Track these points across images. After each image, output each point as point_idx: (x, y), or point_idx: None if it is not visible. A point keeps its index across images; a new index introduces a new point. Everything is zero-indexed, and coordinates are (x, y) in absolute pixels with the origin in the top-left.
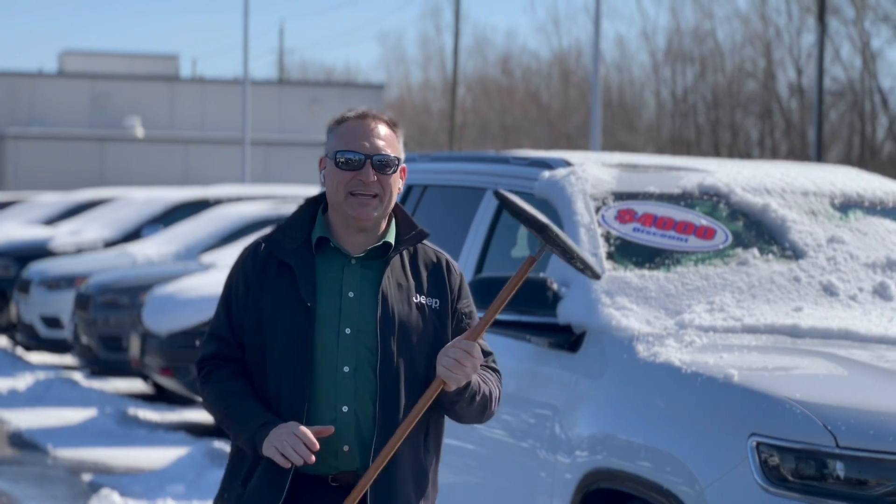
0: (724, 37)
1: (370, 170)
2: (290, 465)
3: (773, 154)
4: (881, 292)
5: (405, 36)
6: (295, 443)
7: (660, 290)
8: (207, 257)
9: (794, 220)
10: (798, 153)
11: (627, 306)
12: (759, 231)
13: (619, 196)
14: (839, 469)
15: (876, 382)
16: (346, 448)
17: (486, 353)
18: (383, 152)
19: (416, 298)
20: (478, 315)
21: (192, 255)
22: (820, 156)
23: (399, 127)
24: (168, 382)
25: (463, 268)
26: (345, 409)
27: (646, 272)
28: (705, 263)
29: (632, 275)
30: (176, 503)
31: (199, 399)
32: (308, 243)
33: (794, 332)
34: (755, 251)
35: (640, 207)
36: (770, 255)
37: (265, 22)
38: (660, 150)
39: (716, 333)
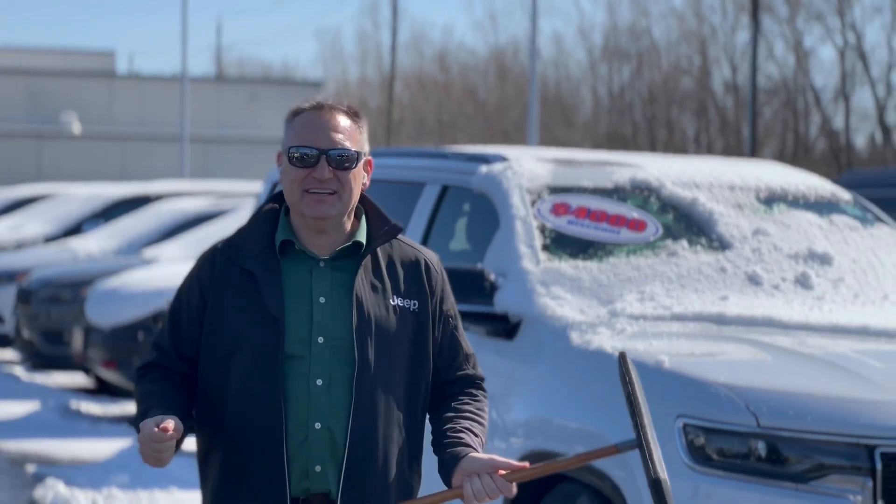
0: (660, 34)
1: (325, 166)
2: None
3: (709, 150)
4: (803, 282)
5: (343, 32)
6: (144, 446)
7: (593, 280)
8: (149, 252)
9: (722, 213)
10: (733, 150)
11: (562, 296)
12: (688, 223)
13: (554, 190)
14: (760, 448)
15: (796, 366)
16: (317, 468)
17: (467, 355)
18: (340, 146)
19: (393, 301)
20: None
21: (134, 251)
22: (754, 152)
23: (361, 117)
24: (111, 375)
25: None
26: (317, 425)
27: (580, 263)
28: (637, 255)
29: (566, 266)
30: (121, 492)
31: None
32: (272, 247)
33: (720, 320)
34: (684, 243)
35: (575, 201)
36: (698, 247)
37: (203, 18)
38: (597, 146)
39: (646, 321)
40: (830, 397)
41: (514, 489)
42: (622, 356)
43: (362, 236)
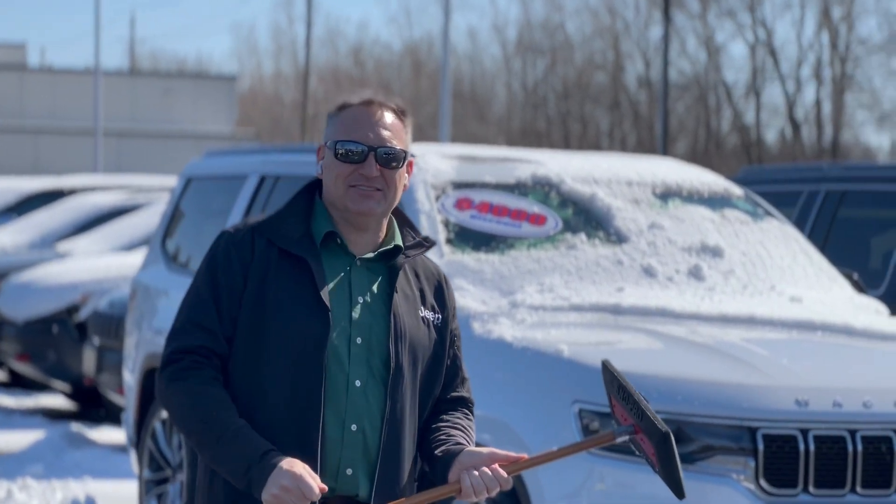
0: (573, 29)
1: (373, 163)
2: None
3: (622, 145)
4: (695, 274)
5: (257, 27)
6: (289, 493)
7: (495, 272)
8: (63, 246)
9: (619, 207)
10: (646, 144)
11: (464, 287)
12: (586, 218)
13: (457, 185)
14: None
15: (687, 354)
16: (349, 471)
17: (464, 379)
18: (388, 144)
19: (422, 312)
20: None
21: (48, 245)
22: (666, 147)
23: (407, 116)
24: (25, 368)
25: None
26: (353, 427)
27: (482, 256)
28: (537, 248)
29: (469, 258)
30: (35, 482)
31: (58, 385)
32: (309, 237)
33: (617, 310)
34: (583, 236)
35: (477, 196)
36: (596, 240)
37: (115, 11)
38: (510, 141)
39: (545, 312)
40: (717, 383)
41: (511, 481)
42: (606, 364)
43: (399, 241)
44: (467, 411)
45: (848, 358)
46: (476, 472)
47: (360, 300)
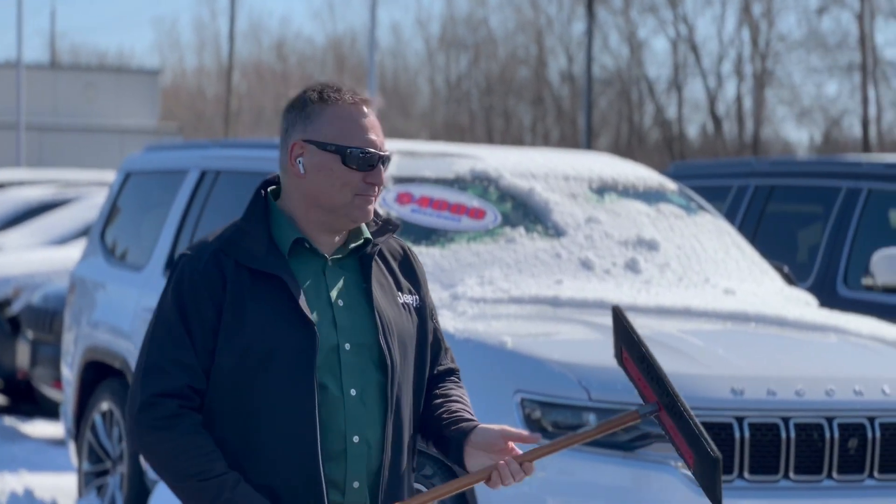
0: (497, 24)
1: (381, 169)
2: None
3: (545, 140)
4: (632, 266)
5: (180, 21)
6: None
7: (436, 265)
8: None
9: (557, 202)
10: (569, 139)
11: None
12: (525, 212)
13: (398, 180)
14: (592, 419)
15: None
16: (356, 484)
17: (446, 349)
18: (385, 147)
19: (400, 298)
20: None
21: None
22: (590, 142)
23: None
24: None
25: None
26: (356, 439)
27: (423, 249)
28: (477, 241)
29: None
30: None
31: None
32: (274, 247)
33: (555, 302)
34: (521, 230)
35: (418, 190)
36: (535, 234)
37: (34, 4)
38: (434, 136)
39: (486, 304)
40: None
41: (534, 467)
42: (616, 310)
43: (367, 233)
44: (456, 379)
45: (781, 348)
46: (503, 463)
47: (341, 303)
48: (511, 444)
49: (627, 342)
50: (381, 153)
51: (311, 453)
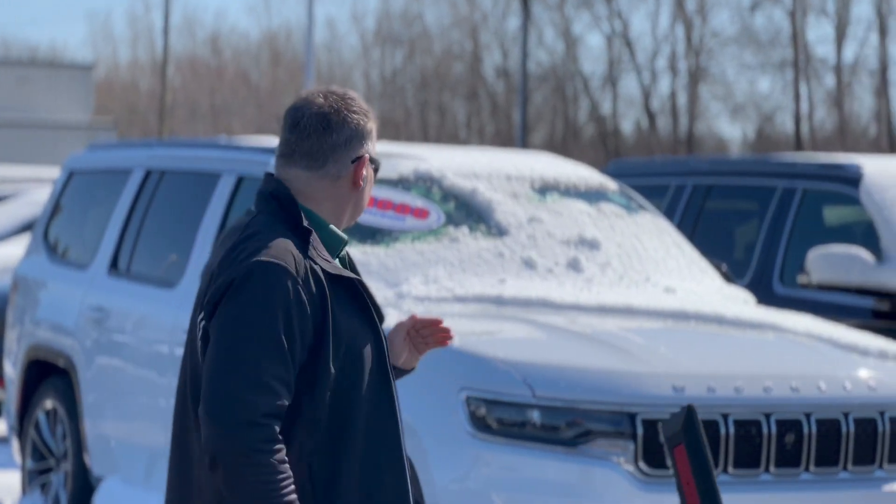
0: (432, 20)
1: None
2: None
3: (480, 135)
4: (574, 266)
5: (113, 14)
6: None
7: (380, 264)
8: None
9: (499, 202)
10: (504, 135)
11: None
12: (468, 212)
13: None
14: (536, 417)
15: (568, 343)
16: None
17: None
18: None
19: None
20: None
21: None
22: (525, 138)
23: None
24: None
25: (200, 249)
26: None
27: (368, 248)
28: (421, 241)
29: (355, 251)
30: None
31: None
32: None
33: (499, 301)
34: (465, 230)
35: None
36: (478, 234)
37: None
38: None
39: (430, 302)
40: (598, 370)
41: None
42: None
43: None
44: None
45: (720, 346)
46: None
47: None
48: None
49: (692, 444)
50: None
51: (398, 448)
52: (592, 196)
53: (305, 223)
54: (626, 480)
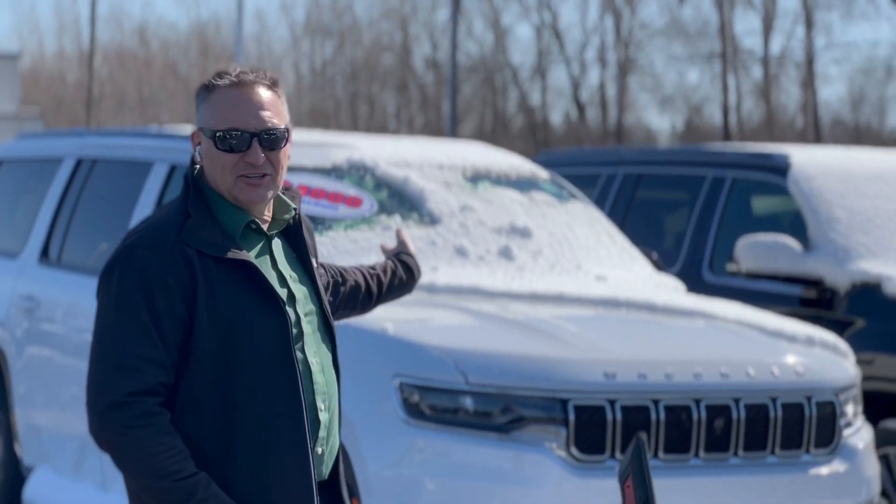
0: (361, 11)
1: (258, 150)
2: None
3: (410, 126)
4: (505, 254)
5: (39, 4)
6: None
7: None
8: None
9: (432, 190)
10: (433, 126)
11: None
12: (401, 200)
13: None
14: (469, 403)
15: (500, 330)
16: (319, 450)
17: (344, 268)
18: (270, 125)
19: (315, 263)
20: None
21: None
22: (454, 129)
23: (280, 85)
24: None
25: None
26: (322, 405)
27: None
28: (354, 229)
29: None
30: None
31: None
32: (225, 232)
33: (432, 289)
34: (398, 218)
35: (296, 179)
36: (410, 222)
37: None
38: (298, 122)
39: None
40: (530, 357)
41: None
42: (641, 439)
43: (293, 203)
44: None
45: (651, 333)
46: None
47: (289, 277)
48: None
49: (637, 475)
50: (255, 131)
51: (300, 427)
52: (524, 185)
53: (190, 205)
54: (558, 466)
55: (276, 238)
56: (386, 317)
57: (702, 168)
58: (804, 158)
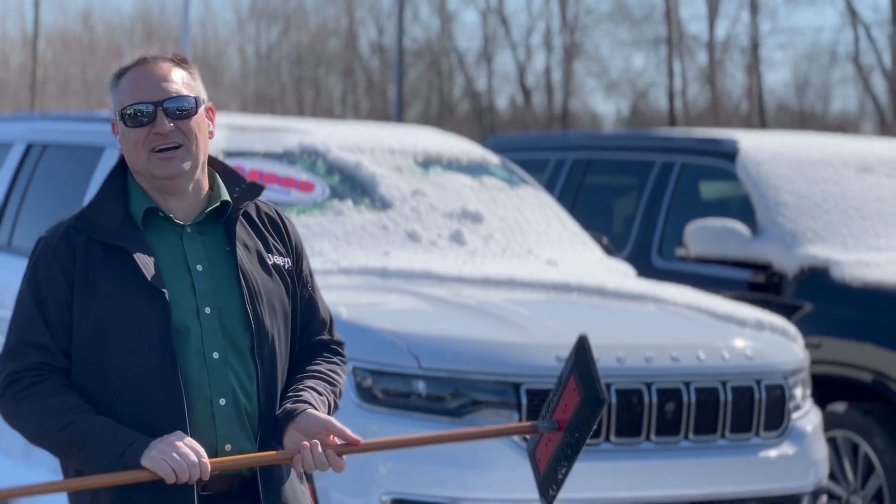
0: None
1: (164, 118)
2: (175, 480)
3: (356, 111)
4: (457, 238)
5: None
6: (186, 455)
7: None
8: None
9: (383, 175)
10: (379, 111)
11: None
12: (352, 185)
13: (228, 154)
14: (421, 387)
15: (452, 314)
16: (227, 447)
17: (324, 320)
18: (175, 94)
19: (270, 259)
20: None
21: None
22: (400, 114)
23: (190, 63)
24: None
25: None
26: (222, 401)
27: None
28: (306, 214)
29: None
30: None
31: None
32: (130, 219)
33: (384, 273)
34: (349, 203)
35: (248, 164)
36: (362, 207)
37: None
38: (244, 107)
39: (316, 275)
40: (482, 341)
41: (345, 464)
42: (582, 338)
43: (226, 195)
44: (329, 354)
45: (602, 317)
46: (310, 448)
47: (200, 268)
48: (333, 437)
49: (584, 373)
50: (158, 101)
51: (179, 420)
52: (475, 170)
53: (100, 190)
54: (510, 449)
55: (201, 229)
56: (339, 301)
57: (651, 153)
58: (753, 144)
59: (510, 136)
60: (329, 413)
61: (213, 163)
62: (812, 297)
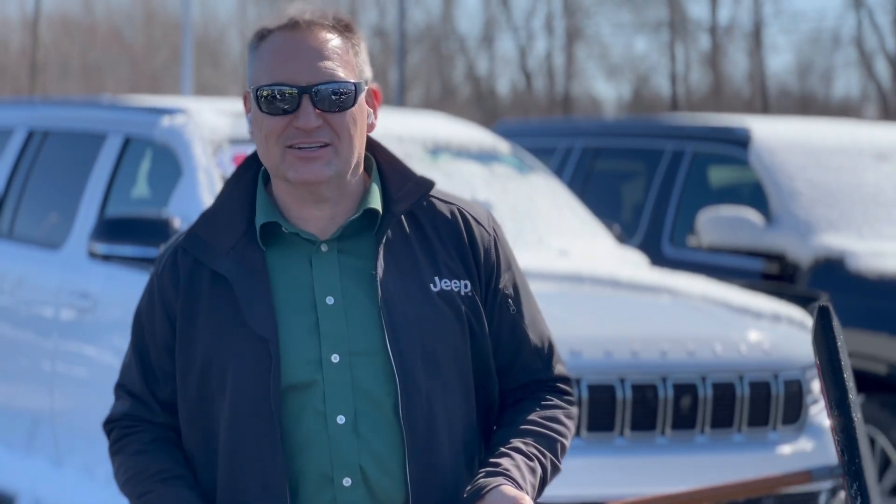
0: None
1: (310, 109)
2: None
3: None
4: None
5: None
6: None
7: None
8: None
9: None
10: (382, 94)
11: None
12: None
13: (234, 141)
14: None
15: None
16: None
17: (537, 350)
18: (329, 78)
19: (435, 286)
20: (521, 289)
21: None
22: (401, 97)
23: (355, 30)
24: None
25: (86, 210)
26: (346, 482)
27: None
28: None
29: None
30: None
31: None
32: (251, 234)
33: None
34: None
35: (248, 151)
36: None
37: None
38: (244, 89)
39: None
40: None
41: None
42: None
43: (376, 201)
44: (550, 397)
45: (616, 309)
46: None
47: (331, 301)
48: None
49: (828, 356)
50: (306, 86)
51: (272, 477)
52: (485, 157)
53: (222, 191)
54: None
55: (342, 247)
56: None
57: (662, 140)
58: (765, 131)
59: (517, 122)
60: (545, 480)
61: (374, 149)
62: (827, 288)
